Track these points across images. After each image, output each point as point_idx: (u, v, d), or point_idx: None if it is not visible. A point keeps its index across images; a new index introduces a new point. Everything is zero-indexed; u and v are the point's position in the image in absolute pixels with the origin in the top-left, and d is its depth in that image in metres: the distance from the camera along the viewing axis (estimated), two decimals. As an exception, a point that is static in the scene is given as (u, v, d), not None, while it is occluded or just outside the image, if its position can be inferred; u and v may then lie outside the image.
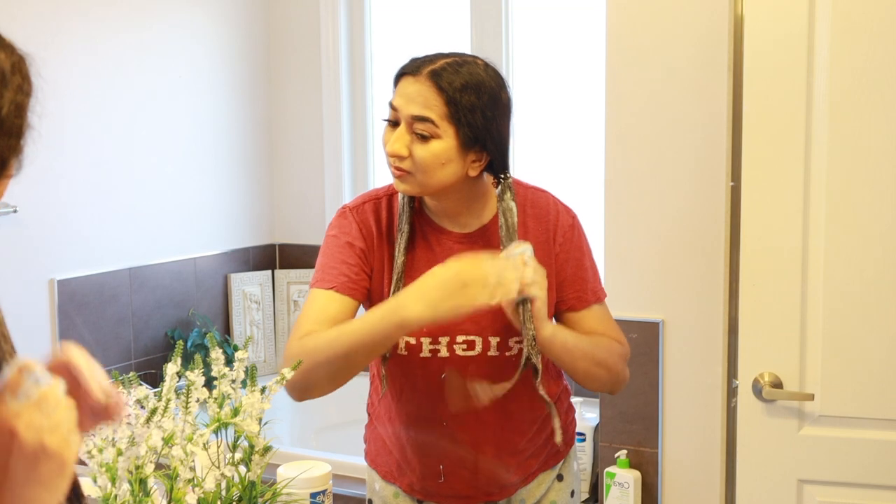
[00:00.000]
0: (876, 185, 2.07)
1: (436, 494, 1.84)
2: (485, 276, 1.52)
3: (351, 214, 1.77)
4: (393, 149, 1.64)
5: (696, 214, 2.53)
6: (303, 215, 3.83)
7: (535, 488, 1.87)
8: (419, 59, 1.68)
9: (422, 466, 1.82)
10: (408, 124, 1.63)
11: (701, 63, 2.49)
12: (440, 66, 1.64)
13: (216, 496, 1.49)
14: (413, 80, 1.64)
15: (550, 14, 3.44)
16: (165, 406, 1.44)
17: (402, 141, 1.63)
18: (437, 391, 1.76)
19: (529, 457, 1.84)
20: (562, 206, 1.80)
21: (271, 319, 3.77)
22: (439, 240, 1.75)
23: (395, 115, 1.66)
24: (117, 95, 3.19)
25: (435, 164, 1.63)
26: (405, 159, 1.63)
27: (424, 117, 1.62)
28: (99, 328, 3.16)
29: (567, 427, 1.90)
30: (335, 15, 3.65)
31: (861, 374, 2.12)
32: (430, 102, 1.62)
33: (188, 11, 3.49)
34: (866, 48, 2.05)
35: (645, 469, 2.67)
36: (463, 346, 1.73)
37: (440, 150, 1.63)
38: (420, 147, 1.63)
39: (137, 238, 3.29)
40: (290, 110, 3.81)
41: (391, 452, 1.86)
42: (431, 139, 1.62)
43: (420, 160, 1.63)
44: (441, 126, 1.62)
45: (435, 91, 1.62)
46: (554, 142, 3.42)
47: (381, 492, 1.90)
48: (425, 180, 1.65)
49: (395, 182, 1.69)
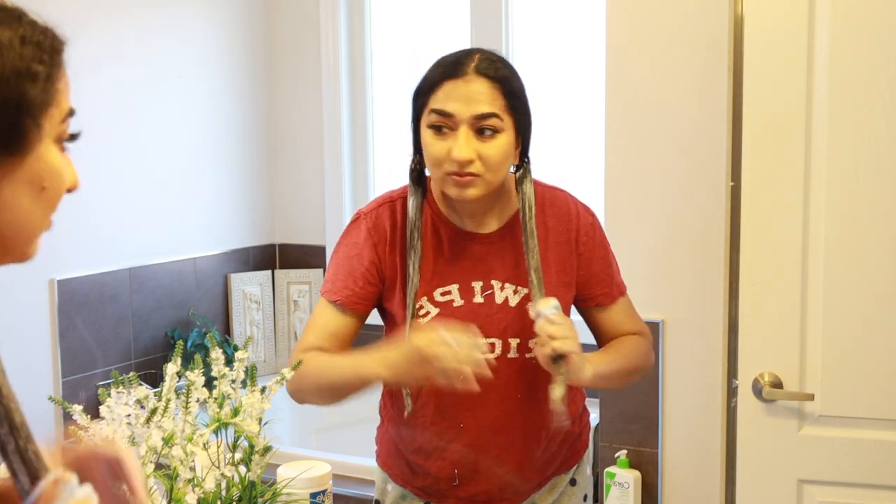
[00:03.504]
0: (876, 185, 2.07)
1: (449, 497, 1.83)
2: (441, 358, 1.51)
3: (364, 221, 1.76)
4: (463, 155, 1.60)
5: (696, 214, 2.53)
6: (303, 215, 3.83)
7: (547, 493, 1.87)
8: (448, 62, 1.65)
9: (436, 468, 1.81)
10: (470, 125, 1.61)
11: (701, 63, 2.49)
12: (482, 61, 1.63)
13: (216, 496, 1.49)
14: (462, 81, 1.62)
15: (550, 14, 3.44)
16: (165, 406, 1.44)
17: (470, 144, 1.61)
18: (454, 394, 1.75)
19: (544, 463, 1.84)
20: (581, 204, 1.82)
21: (271, 319, 3.77)
22: (462, 244, 1.74)
23: (450, 122, 1.62)
24: (117, 95, 3.19)
25: (503, 159, 1.64)
26: (473, 162, 1.61)
27: (490, 113, 1.61)
28: (99, 328, 3.15)
29: (582, 431, 1.90)
30: (335, 15, 3.65)
31: (861, 374, 2.12)
32: (491, 97, 1.61)
33: (188, 11, 3.49)
34: (866, 48, 2.05)
35: (645, 469, 2.67)
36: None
37: (506, 143, 1.64)
38: (487, 145, 1.62)
39: (137, 238, 3.29)
40: (290, 110, 3.81)
41: (403, 455, 1.85)
42: (497, 134, 1.62)
43: (490, 158, 1.62)
44: (504, 119, 1.63)
45: (490, 85, 1.62)
46: (554, 142, 3.42)
47: (391, 493, 1.89)
48: (494, 179, 1.65)
49: (461, 191, 1.64)
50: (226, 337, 3.64)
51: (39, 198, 0.84)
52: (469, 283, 1.73)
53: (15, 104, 0.80)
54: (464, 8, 3.44)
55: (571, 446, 1.88)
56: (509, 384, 1.74)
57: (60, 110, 0.85)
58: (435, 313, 1.72)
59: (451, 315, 1.71)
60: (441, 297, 1.73)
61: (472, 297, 1.73)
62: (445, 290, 1.73)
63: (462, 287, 1.73)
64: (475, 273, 1.74)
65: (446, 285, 1.73)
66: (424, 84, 1.67)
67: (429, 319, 1.72)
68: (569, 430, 1.85)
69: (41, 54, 0.82)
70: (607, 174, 2.62)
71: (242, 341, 3.57)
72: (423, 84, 1.68)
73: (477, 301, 1.72)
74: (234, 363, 1.53)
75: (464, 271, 1.73)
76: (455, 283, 1.73)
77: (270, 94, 3.82)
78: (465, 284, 1.73)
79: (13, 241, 0.85)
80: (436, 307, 1.72)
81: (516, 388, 1.75)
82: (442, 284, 1.73)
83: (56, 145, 0.85)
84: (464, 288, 1.73)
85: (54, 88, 0.84)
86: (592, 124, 3.01)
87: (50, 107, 0.83)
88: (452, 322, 1.68)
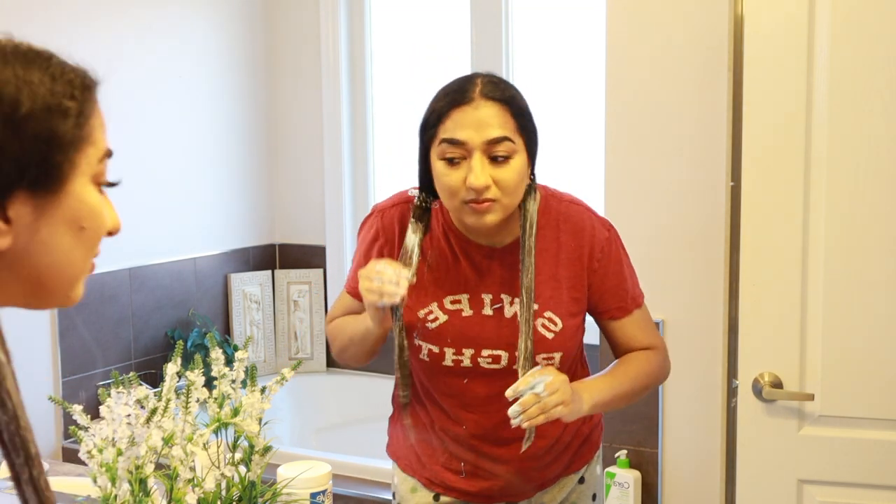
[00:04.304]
0: (876, 185, 2.07)
1: (455, 490, 1.84)
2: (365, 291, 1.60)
3: (377, 218, 1.78)
4: (479, 182, 1.58)
5: (696, 214, 2.53)
6: (303, 215, 3.83)
7: (556, 491, 1.88)
8: (452, 89, 1.63)
9: (444, 459, 1.82)
10: (483, 152, 1.59)
11: (701, 63, 2.49)
12: (486, 85, 1.62)
13: (216, 496, 1.49)
14: (470, 107, 1.60)
15: (550, 14, 3.44)
16: (165, 406, 1.44)
17: (485, 170, 1.59)
18: (459, 396, 1.77)
19: (551, 462, 1.84)
20: (597, 219, 1.79)
21: (271, 319, 3.77)
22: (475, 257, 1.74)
23: (462, 150, 1.60)
24: (117, 95, 3.19)
25: (518, 182, 1.63)
26: (490, 188, 1.60)
27: (503, 137, 1.59)
28: (99, 328, 3.16)
29: (592, 432, 1.91)
30: (335, 15, 3.65)
31: (861, 374, 2.11)
32: (502, 120, 1.60)
33: (188, 12, 3.49)
34: (866, 48, 2.05)
35: (645, 469, 2.67)
36: (488, 359, 1.73)
37: (520, 165, 1.63)
38: (501, 170, 1.60)
39: (137, 238, 3.29)
40: (290, 111, 3.81)
41: (412, 445, 1.87)
42: (510, 158, 1.60)
43: (506, 183, 1.60)
44: (516, 141, 1.61)
45: (499, 108, 1.60)
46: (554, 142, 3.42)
47: (399, 485, 1.91)
48: (510, 202, 1.64)
49: (479, 218, 1.62)
50: (226, 337, 3.64)
51: (79, 238, 0.85)
52: (479, 294, 1.74)
53: (45, 140, 0.80)
54: (464, 8, 3.44)
55: (580, 448, 1.88)
56: None
57: (97, 149, 0.86)
58: (444, 319, 1.73)
59: (460, 323, 1.73)
60: (451, 304, 1.74)
61: (481, 308, 1.73)
62: (455, 299, 1.74)
63: (472, 298, 1.74)
64: (486, 285, 1.74)
65: (457, 294, 1.74)
66: (431, 116, 1.64)
67: (436, 325, 1.73)
68: (578, 432, 1.86)
69: (72, 90, 0.83)
70: (607, 174, 2.62)
71: (242, 341, 3.57)
72: (429, 116, 1.65)
73: (486, 313, 1.73)
74: (234, 363, 1.53)
75: (475, 282, 1.74)
76: (465, 293, 1.74)
77: (270, 94, 3.82)
78: (475, 295, 1.74)
79: (56, 283, 0.85)
80: (445, 314, 1.74)
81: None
82: (453, 293, 1.73)
83: (94, 186, 0.86)
84: (474, 299, 1.74)
85: (88, 126, 0.85)
86: (592, 124, 3.01)
87: (84, 144, 0.84)
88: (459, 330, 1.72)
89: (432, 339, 1.73)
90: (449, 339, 1.72)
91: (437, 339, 1.73)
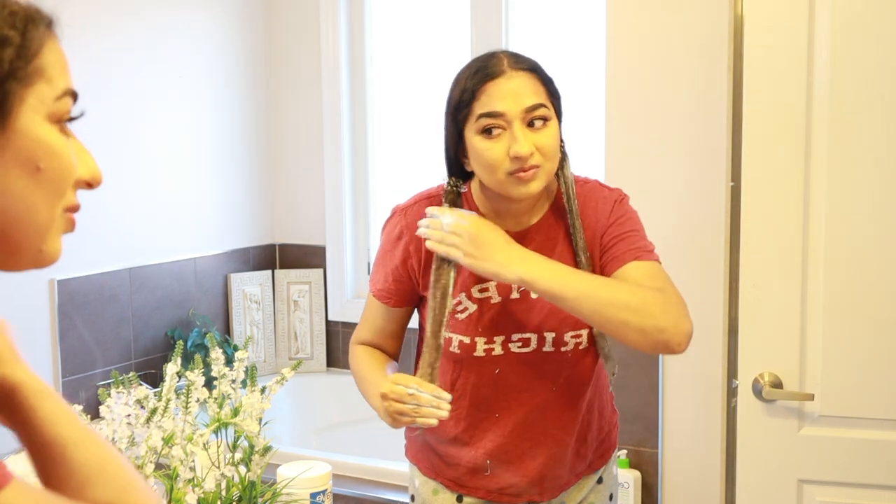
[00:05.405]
0: (876, 185, 2.07)
1: (480, 488, 1.84)
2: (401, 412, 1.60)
3: (400, 216, 1.79)
4: (524, 149, 1.60)
5: (696, 214, 2.53)
6: (303, 215, 3.83)
7: (575, 492, 1.88)
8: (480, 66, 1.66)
9: (469, 458, 1.82)
10: (522, 120, 1.62)
11: (701, 63, 2.49)
12: (511, 57, 1.66)
13: (216, 496, 1.49)
14: (504, 79, 1.63)
15: (550, 14, 3.44)
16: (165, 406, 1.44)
17: (528, 138, 1.62)
18: (491, 385, 1.77)
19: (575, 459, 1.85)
20: (609, 189, 1.81)
21: (271, 319, 3.77)
22: None
23: (501, 121, 1.62)
24: (117, 95, 3.19)
25: (557, 145, 1.66)
26: (533, 154, 1.62)
27: (539, 104, 1.63)
28: (99, 328, 3.16)
29: (611, 430, 1.91)
30: (335, 15, 3.65)
31: (861, 374, 2.12)
32: (535, 88, 1.64)
33: (187, 11, 3.49)
34: (866, 48, 2.05)
35: (645, 469, 2.67)
36: (518, 343, 1.74)
37: (556, 130, 1.67)
38: (541, 135, 1.63)
39: (137, 238, 3.29)
40: (289, 111, 3.81)
41: (432, 447, 1.87)
42: (547, 123, 1.64)
43: (547, 147, 1.63)
44: (549, 106, 1.65)
45: (531, 76, 1.64)
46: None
47: (420, 488, 1.91)
48: (552, 167, 1.67)
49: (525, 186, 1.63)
50: (226, 337, 3.64)
51: (36, 180, 0.78)
52: None
53: None
54: (464, 8, 3.44)
55: (600, 445, 1.89)
56: (544, 377, 1.76)
57: (53, 87, 0.80)
58: (473, 309, 1.74)
59: (489, 311, 1.73)
60: (479, 293, 1.74)
61: (509, 293, 1.74)
62: (483, 287, 1.74)
63: (500, 284, 1.73)
64: None
65: (484, 282, 1.74)
66: (464, 95, 1.65)
67: (466, 316, 1.73)
68: (598, 429, 1.87)
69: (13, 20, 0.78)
70: (607, 174, 2.62)
71: (242, 341, 3.57)
72: (461, 96, 1.66)
73: (514, 297, 1.74)
74: (234, 363, 1.53)
75: None
76: (493, 279, 1.73)
77: (270, 94, 3.82)
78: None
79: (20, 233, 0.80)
80: (474, 303, 1.74)
81: (552, 381, 1.77)
82: (480, 281, 1.74)
83: (54, 125, 0.80)
84: (501, 284, 1.73)
85: (37, 60, 0.80)
86: (592, 125, 3.01)
87: (33, 79, 0.79)
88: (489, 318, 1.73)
89: (462, 330, 1.74)
90: (480, 328, 1.73)
91: (467, 329, 1.73)
